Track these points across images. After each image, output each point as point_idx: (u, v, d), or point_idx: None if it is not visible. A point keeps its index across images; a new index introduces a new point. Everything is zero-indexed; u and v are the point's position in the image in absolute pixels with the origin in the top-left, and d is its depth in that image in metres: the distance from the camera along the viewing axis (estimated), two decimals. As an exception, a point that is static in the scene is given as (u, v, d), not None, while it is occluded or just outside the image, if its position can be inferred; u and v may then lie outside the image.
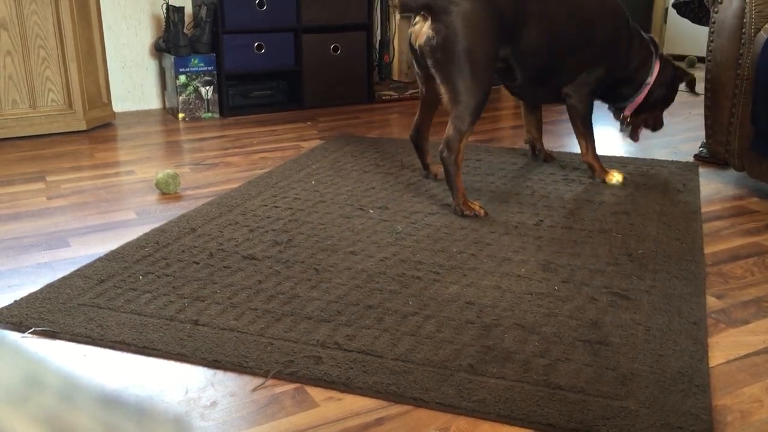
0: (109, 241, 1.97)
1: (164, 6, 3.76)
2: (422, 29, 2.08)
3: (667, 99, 2.55)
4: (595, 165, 2.46)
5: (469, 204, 2.11)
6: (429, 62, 2.09)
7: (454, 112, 2.08)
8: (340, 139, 3.09)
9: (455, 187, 2.11)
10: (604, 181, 2.44)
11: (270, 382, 1.29)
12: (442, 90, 2.09)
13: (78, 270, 1.73)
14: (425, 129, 2.42)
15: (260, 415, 1.21)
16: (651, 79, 2.46)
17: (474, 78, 2.05)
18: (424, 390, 1.25)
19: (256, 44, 3.68)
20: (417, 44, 2.11)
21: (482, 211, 2.11)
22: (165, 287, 1.64)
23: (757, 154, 2.30)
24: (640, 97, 2.49)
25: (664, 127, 2.65)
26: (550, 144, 3.03)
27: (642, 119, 2.58)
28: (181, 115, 3.59)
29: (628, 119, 2.57)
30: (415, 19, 2.12)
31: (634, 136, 2.64)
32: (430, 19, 2.06)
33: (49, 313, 1.51)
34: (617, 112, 2.60)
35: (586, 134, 2.44)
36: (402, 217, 2.11)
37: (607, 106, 2.65)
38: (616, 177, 2.43)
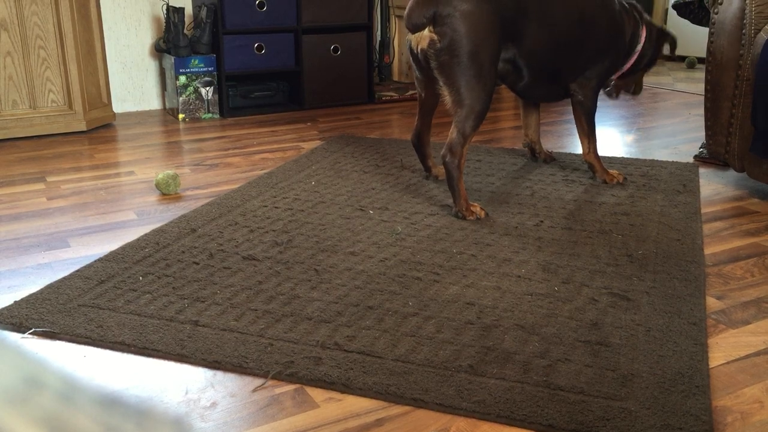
0: (109, 242, 1.97)
1: (164, 7, 3.76)
2: (424, 33, 2.08)
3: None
4: (596, 165, 2.46)
5: (471, 208, 2.11)
6: (433, 65, 2.08)
7: (458, 116, 2.07)
8: (341, 139, 3.09)
9: (457, 191, 2.11)
10: (604, 182, 2.44)
11: (270, 382, 1.29)
12: (446, 93, 2.08)
13: (78, 271, 1.73)
14: (426, 133, 2.42)
15: (260, 415, 1.21)
16: (640, 47, 2.46)
17: (478, 81, 2.05)
18: (424, 391, 1.25)
19: (256, 45, 3.68)
20: (419, 48, 2.11)
21: (482, 213, 2.11)
22: (165, 288, 1.64)
23: (756, 155, 2.30)
24: (629, 64, 2.49)
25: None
26: (550, 145, 3.03)
27: (625, 82, 2.58)
28: (181, 116, 3.59)
29: (612, 82, 2.57)
30: None
31: (613, 95, 2.62)
32: (432, 23, 2.05)
33: (49, 314, 1.51)
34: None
35: (589, 132, 2.44)
36: (402, 217, 2.11)
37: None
38: (617, 178, 2.44)
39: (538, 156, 2.73)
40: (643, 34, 2.45)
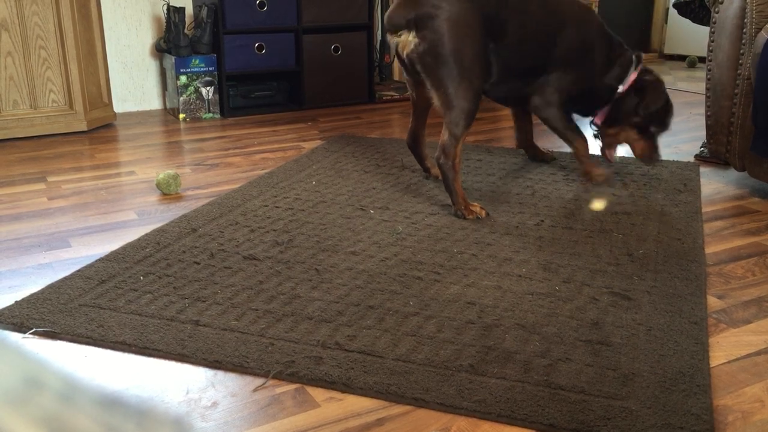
0: (110, 242, 1.97)
1: (165, 6, 3.76)
2: (408, 38, 2.08)
3: (655, 122, 2.35)
4: (583, 166, 2.42)
5: (470, 207, 2.11)
6: (419, 68, 2.08)
7: (448, 117, 2.07)
8: (341, 139, 3.09)
9: (454, 191, 2.11)
10: (589, 181, 2.40)
11: (271, 382, 1.29)
12: (434, 95, 2.08)
13: (79, 270, 1.73)
14: (420, 134, 2.41)
15: (261, 415, 1.21)
16: (622, 88, 2.33)
17: (465, 80, 2.04)
18: (425, 390, 1.25)
19: (256, 45, 3.68)
20: (405, 53, 2.11)
21: (483, 212, 2.11)
22: (166, 288, 1.64)
23: (756, 155, 2.30)
24: (609, 107, 2.36)
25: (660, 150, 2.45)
26: (549, 144, 3.03)
27: (616, 135, 2.42)
28: (181, 116, 3.59)
29: (598, 128, 2.44)
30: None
31: (607, 153, 2.47)
32: (415, 28, 2.05)
33: (50, 314, 1.51)
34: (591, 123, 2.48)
35: (568, 140, 2.38)
36: (403, 217, 2.11)
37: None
38: (597, 204, 2.24)
39: (538, 157, 2.73)
40: (631, 78, 2.33)
